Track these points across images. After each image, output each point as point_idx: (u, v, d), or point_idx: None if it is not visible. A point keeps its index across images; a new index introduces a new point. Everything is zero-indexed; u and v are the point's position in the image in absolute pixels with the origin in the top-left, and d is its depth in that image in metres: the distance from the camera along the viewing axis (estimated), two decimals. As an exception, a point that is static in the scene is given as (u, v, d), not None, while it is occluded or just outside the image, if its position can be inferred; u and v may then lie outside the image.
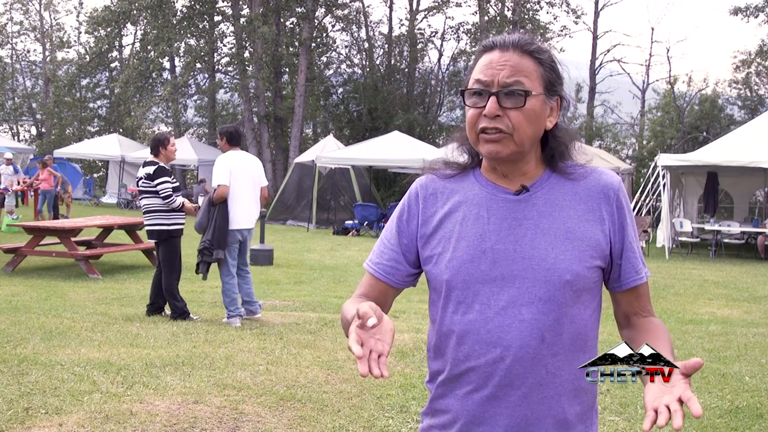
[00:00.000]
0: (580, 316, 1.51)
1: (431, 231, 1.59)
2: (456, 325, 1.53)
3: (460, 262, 1.52)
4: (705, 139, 25.53)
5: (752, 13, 27.98)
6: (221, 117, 36.22)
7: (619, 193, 1.54)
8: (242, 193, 6.81)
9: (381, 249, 1.66)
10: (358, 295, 1.64)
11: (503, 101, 1.46)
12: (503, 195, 1.54)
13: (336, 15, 31.76)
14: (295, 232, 19.32)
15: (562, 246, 1.49)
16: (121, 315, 7.13)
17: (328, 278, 10.99)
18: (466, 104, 1.51)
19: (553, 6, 31.50)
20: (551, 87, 1.53)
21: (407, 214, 1.63)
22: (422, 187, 1.64)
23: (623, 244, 1.54)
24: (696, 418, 1.23)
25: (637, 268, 1.55)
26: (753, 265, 14.07)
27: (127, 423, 3.90)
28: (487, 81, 1.47)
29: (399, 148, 19.63)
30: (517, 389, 1.48)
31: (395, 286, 1.65)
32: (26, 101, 41.07)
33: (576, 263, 1.48)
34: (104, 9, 28.98)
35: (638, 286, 1.57)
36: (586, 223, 1.51)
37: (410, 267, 1.63)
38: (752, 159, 14.61)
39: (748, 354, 6.10)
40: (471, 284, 1.51)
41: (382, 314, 1.36)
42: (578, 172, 1.56)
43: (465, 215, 1.55)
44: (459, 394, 1.54)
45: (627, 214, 1.55)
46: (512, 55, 1.49)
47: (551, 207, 1.52)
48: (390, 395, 4.58)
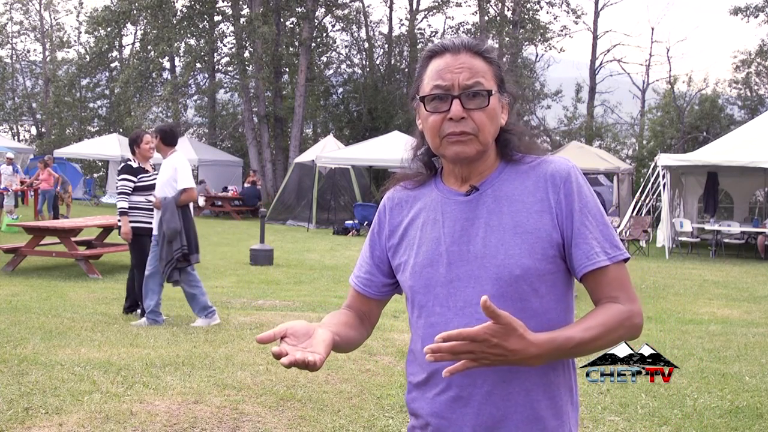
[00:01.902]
0: (542, 308, 1.49)
1: (398, 240, 1.64)
2: (421, 328, 1.57)
3: (421, 267, 1.56)
4: (705, 139, 25.53)
5: (752, 13, 27.98)
6: (221, 117, 36.23)
7: (566, 180, 1.51)
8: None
9: (360, 262, 1.73)
10: (344, 306, 1.73)
11: (467, 103, 1.48)
12: (455, 197, 1.57)
13: (336, 15, 31.76)
14: (295, 232, 19.32)
15: (512, 241, 1.49)
16: (121, 315, 7.13)
17: (328, 278, 11.00)
18: (426, 110, 1.51)
19: (553, 6, 31.52)
20: (502, 84, 1.55)
21: (377, 226, 1.69)
22: (389, 199, 1.69)
23: (572, 231, 1.49)
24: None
25: (588, 254, 1.48)
26: (753, 265, 14.07)
27: (127, 423, 3.90)
28: (447, 85, 1.49)
29: (399, 148, 19.21)
30: (480, 387, 1.49)
31: (374, 298, 1.71)
32: (26, 101, 41.07)
33: (526, 257, 1.48)
34: (104, 9, 28.97)
35: (595, 271, 1.48)
36: (535, 214, 1.50)
37: (384, 278, 1.68)
38: (752, 159, 14.61)
39: (748, 354, 6.09)
40: (431, 288, 1.54)
41: (312, 330, 1.42)
42: (529, 164, 1.56)
43: (424, 221, 1.59)
44: (429, 397, 1.57)
45: (576, 200, 1.50)
46: (466, 57, 1.51)
47: (500, 203, 1.53)
48: (390, 395, 4.58)
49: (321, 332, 1.41)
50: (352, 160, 20.36)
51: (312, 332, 1.41)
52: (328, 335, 1.42)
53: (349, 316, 1.67)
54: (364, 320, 1.71)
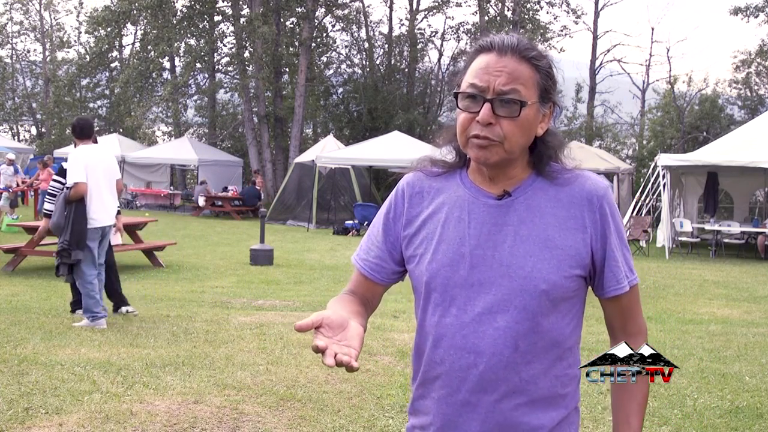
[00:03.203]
0: (558, 324, 1.49)
1: (415, 231, 1.58)
2: (432, 327, 1.53)
3: (440, 265, 1.51)
4: (705, 139, 25.53)
5: (752, 13, 27.97)
6: (221, 117, 36.23)
7: (603, 200, 1.50)
8: (99, 189, 6.50)
9: (368, 245, 1.65)
10: (347, 292, 1.64)
11: (497, 109, 1.42)
12: (485, 199, 1.52)
13: (336, 15, 31.75)
14: (295, 232, 19.32)
15: (540, 254, 1.46)
16: (121, 315, 7.13)
17: (328, 278, 11.00)
18: (458, 107, 1.48)
19: (553, 6, 31.50)
20: (546, 94, 1.48)
21: (393, 212, 1.62)
22: (408, 185, 1.62)
23: (605, 253, 1.50)
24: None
25: (618, 278, 1.51)
26: (753, 265, 14.07)
27: (127, 423, 3.90)
28: (483, 86, 1.43)
29: (399, 148, 19.63)
30: (490, 395, 1.47)
31: (381, 284, 1.64)
32: (26, 101, 41.06)
33: (554, 273, 1.46)
34: (104, 9, 28.96)
35: (620, 296, 1.53)
36: (566, 231, 1.48)
37: (395, 265, 1.62)
38: (752, 159, 14.61)
39: (748, 354, 6.10)
40: (449, 288, 1.50)
41: (346, 321, 1.37)
42: (564, 177, 1.52)
43: (447, 217, 1.54)
44: (434, 397, 1.54)
45: (611, 222, 1.50)
46: (510, 61, 1.44)
47: (532, 213, 1.49)
48: (390, 395, 4.58)
49: (354, 325, 1.37)
50: (352, 160, 20.36)
51: (346, 324, 1.36)
52: (361, 329, 1.39)
53: (356, 303, 1.59)
54: (368, 306, 1.65)
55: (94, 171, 6.45)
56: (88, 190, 6.36)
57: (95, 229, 6.47)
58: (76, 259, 6.36)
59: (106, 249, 6.77)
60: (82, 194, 6.33)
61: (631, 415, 1.54)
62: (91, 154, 6.53)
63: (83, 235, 6.36)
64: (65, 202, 6.37)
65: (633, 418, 1.54)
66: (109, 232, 6.73)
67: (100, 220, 6.51)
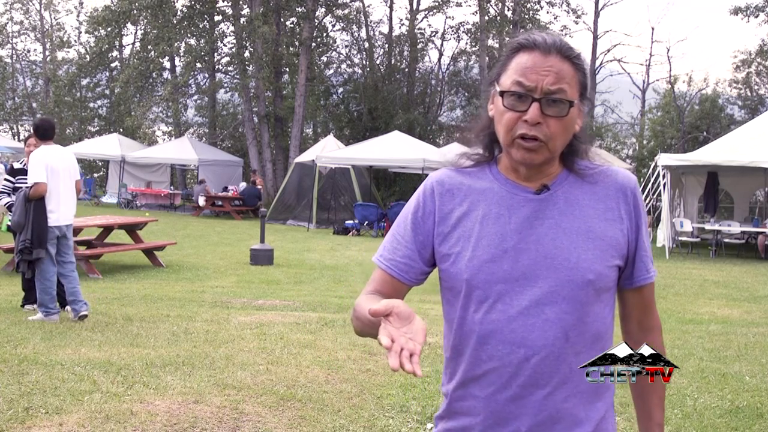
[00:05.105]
0: (601, 314, 1.52)
1: (449, 229, 1.56)
2: (477, 325, 1.51)
3: (481, 261, 1.50)
4: (705, 138, 25.53)
5: (752, 13, 27.97)
6: (221, 117, 36.25)
7: (636, 191, 1.56)
8: (60, 189, 6.68)
9: (393, 245, 1.61)
10: (370, 292, 1.60)
11: (546, 108, 1.44)
12: (524, 194, 1.53)
13: (336, 15, 31.76)
14: (295, 231, 19.32)
15: (584, 245, 1.49)
16: (121, 315, 7.13)
17: (328, 278, 11.00)
18: (504, 105, 1.47)
19: (553, 6, 31.50)
20: (584, 92, 1.52)
21: (423, 210, 1.59)
22: (438, 183, 1.60)
23: (637, 243, 1.55)
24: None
25: (647, 267, 1.58)
26: (753, 265, 14.07)
27: (127, 423, 3.90)
28: (531, 86, 1.44)
29: (399, 148, 19.64)
30: (543, 389, 1.48)
31: (407, 284, 1.61)
32: (26, 101, 41.06)
33: (598, 262, 1.49)
34: (104, 9, 28.99)
35: (644, 287, 1.59)
36: (605, 222, 1.52)
37: (424, 265, 1.60)
38: (752, 159, 14.61)
39: (748, 354, 6.10)
40: (492, 284, 1.49)
41: (412, 314, 1.34)
42: (594, 172, 1.57)
43: (485, 214, 1.53)
44: (480, 396, 1.52)
45: (642, 213, 1.56)
46: (555, 60, 1.46)
47: (571, 206, 1.52)
48: (390, 395, 4.58)
49: (419, 319, 1.34)
50: (352, 160, 20.35)
51: (412, 317, 1.33)
52: (425, 324, 1.34)
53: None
54: None
55: (54, 171, 6.65)
56: (47, 189, 6.57)
57: (54, 228, 6.67)
58: (38, 257, 6.56)
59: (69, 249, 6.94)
60: (41, 194, 6.53)
61: (653, 409, 1.61)
62: (53, 155, 6.71)
63: (44, 234, 6.56)
64: (25, 201, 6.57)
65: (655, 411, 1.61)
66: (68, 230, 6.92)
67: (59, 220, 6.71)
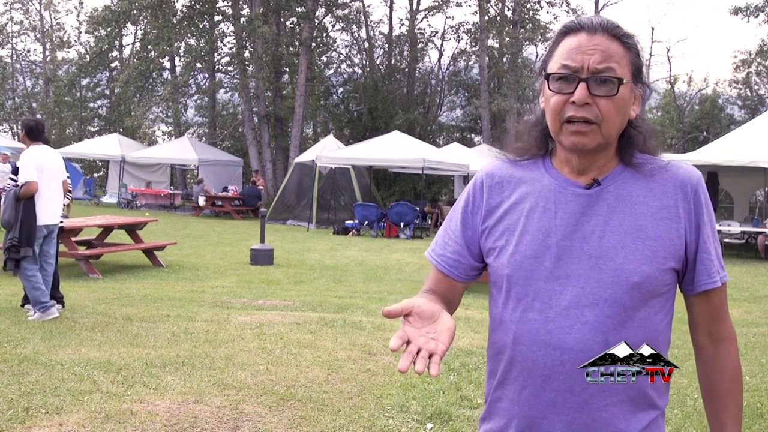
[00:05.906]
0: (649, 320, 1.42)
1: (495, 222, 1.50)
2: (514, 323, 1.45)
3: (523, 257, 1.44)
4: (705, 138, 25.55)
5: (752, 13, 27.99)
6: (221, 117, 36.26)
7: (698, 188, 1.43)
8: (49, 188, 6.79)
9: (445, 240, 1.58)
10: (425, 291, 1.54)
11: (594, 88, 1.36)
12: (573, 188, 1.45)
13: (336, 15, 31.78)
14: (295, 231, 19.32)
15: (633, 245, 1.39)
16: (121, 315, 7.13)
17: (328, 278, 11.00)
18: (550, 89, 1.40)
19: (553, 6, 31.51)
20: (638, 74, 1.43)
21: (472, 205, 1.55)
22: (488, 176, 1.55)
23: (698, 244, 1.43)
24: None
25: (710, 271, 1.44)
26: (753, 265, 14.07)
27: (127, 423, 3.90)
28: (576, 66, 1.37)
29: (399, 148, 19.64)
30: (578, 395, 1.39)
31: (459, 281, 1.56)
32: (26, 101, 41.08)
33: (647, 264, 1.39)
34: (104, 9, 29.00)
35: (710, 291, 1.46)
36: (659, 221, 1.41)
37: (473, 260, 1.55)
38: (752, 159, 14.62)
39: (748, 354, 6.10)
40: (532, 281, 1.43)
41: (437, 313, 1.30)
42: (653, 166, 1.45)
43: (531, 207, 1.46)
44: (514, 398, 1.46)
45: (705, 212, 1.44)
46: (602, 39, 1.38)
47: (622, 203, 1.42)
48: (390, 395, 4.58)
49: (446, 318, 1.29)
50: (352, 160, 20.36)
51: (437, 316, 1.28)
52: (453, 323, 1.28)
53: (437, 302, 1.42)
54: (449, 306, 1.52)
55: (44, 171, 6.73)
56: (38, 189, 6.64)
57: (42, 226, 6.74)
58: (25, 255, 6.62)
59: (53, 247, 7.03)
60: (32, 193, 6.61)
61: (726, 427, 1.48)
62: (43, 155, 6.78)
63: (33, 233, 6.64)
64: (15, 199, 6.63)
65: (727, 429, 1.48)
66: (55, 230, 7.00)
67: (47, 219, 6.79)
